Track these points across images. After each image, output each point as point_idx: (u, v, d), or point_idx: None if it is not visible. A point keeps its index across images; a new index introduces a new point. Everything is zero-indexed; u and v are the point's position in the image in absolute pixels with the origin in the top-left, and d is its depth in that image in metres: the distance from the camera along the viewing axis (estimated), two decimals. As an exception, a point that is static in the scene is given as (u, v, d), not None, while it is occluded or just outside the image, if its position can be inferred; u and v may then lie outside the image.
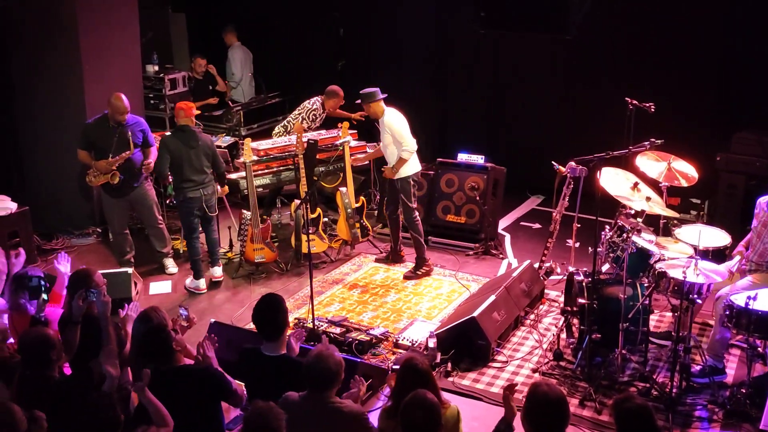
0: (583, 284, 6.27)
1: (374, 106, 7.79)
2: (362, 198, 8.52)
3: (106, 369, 4.63)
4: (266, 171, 8.65)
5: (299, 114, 9.30)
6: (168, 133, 7.76)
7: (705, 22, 9.06)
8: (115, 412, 3.99)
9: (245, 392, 4.84)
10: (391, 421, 4.38)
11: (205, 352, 5.00)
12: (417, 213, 8.06)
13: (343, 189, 8.44)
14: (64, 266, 5.94)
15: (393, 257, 8.40)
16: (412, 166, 7.93)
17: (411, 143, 7.78)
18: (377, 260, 8.45)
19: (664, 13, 9.22)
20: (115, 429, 3.96)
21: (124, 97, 7.68)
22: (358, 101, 7.92)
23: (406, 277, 8.04)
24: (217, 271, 8.11)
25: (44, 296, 5.42)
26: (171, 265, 8.31)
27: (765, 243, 6.12)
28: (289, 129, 9.26)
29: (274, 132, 9.56)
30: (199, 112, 8.17)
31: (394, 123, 7.77)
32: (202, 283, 7.91)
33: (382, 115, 7.81)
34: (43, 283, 5.48)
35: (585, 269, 6.52)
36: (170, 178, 8.07)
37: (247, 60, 11.69)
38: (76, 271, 5.51)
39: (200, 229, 7.98)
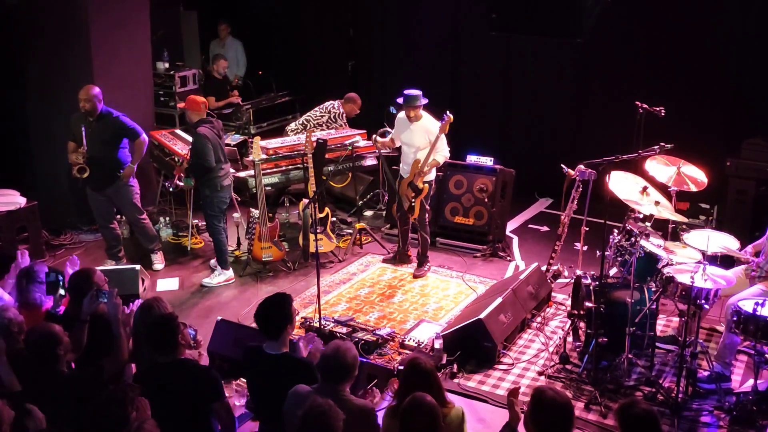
0: (591, 288, 6.26)
1: (419, 109, 7.76)
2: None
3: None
4: (275, 170, 8.65)
5: (322, 116, 9.35)
6: (202, 128, 7.68)
7: (717, 26, 9.03)
8: (125, 410, 4.00)
9: (235, 420, 4.85)
10: (395, 420, 4.39)
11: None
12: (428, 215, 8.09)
13: None
14: (73, 270, 5.95)
15: (400, 257, 8.40)
16: (434, 173, 8.00)
17: (447, 148, 7.84)
18: (385, 260, 8.45)
19: (675, 17, 9.19)
20: (122, 427, 3.97)
21: (91, 87, 7.69)
22: (400, 100, 7.84)
23: (416, 276, 8.08)
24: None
25: (62, 291, 5.44)
26: (157, 261, 8.33)
27: None
28: (308, 127, 9.26)
29: (288, 128, 9.58)
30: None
31: (436, 129, 7.74)
32: (231, 272, 8.04)
33: (421, 118, 7.79)
34: (60, 278, 5.50)
35: (592, 273, 6.51)
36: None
37: None
38: (77, 271, 5.52)
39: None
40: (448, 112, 7.62)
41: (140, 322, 5.11)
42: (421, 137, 7.78)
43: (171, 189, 8.42)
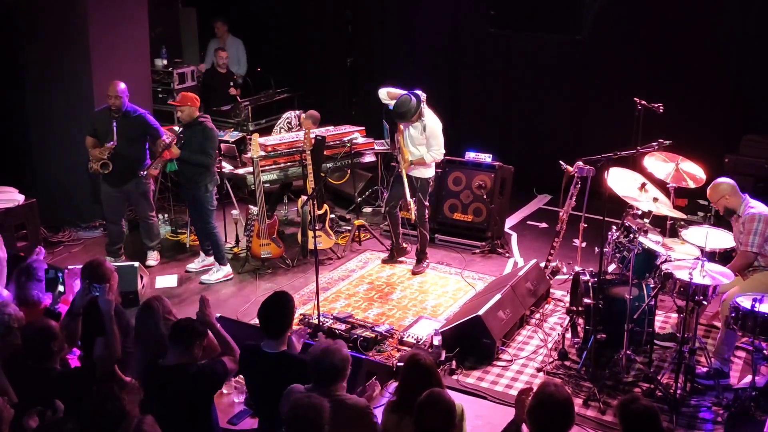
0: (589, 284, 6.27)
1: (416, 116, 7.68)
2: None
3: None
4: (273, 167, 8.65)
5: (279, 126, 9.40)
6: (209, 123, 7.81)
7: (716, 24, 9.03)
8: (121, 404, 4.01)
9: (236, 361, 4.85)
10: (394, 415, 4.39)
11: (205, 308, 4.94)
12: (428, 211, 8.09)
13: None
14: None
15: (397, 252, 8.39)
16: (433, 168, 7.99)
17: (442, 149, 7.80)
18: (384, 262, 8.41)
19: (675, 13, 9.19)
20: (119, 421, 3.98)
21: (118, 83, 7.77)
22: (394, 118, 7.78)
23: (414, 273, 8.08)
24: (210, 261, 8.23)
25: (60, 288, 5.44)
26: (152, 257, 8.34)
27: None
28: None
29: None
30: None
31: (435, 127, 7.72)
32: (229, 267, 8.06)
33: (420, 116, 7.70)
34: (60, 275, 5.49)
35: (591, 269, 6.52)
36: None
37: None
38: (88, 261, 5.52)
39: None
40: None
41: (141, 322, 5.12)
42: (419, 133, 7.75)
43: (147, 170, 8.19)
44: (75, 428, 3.85)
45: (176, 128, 9.65)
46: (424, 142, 7.72)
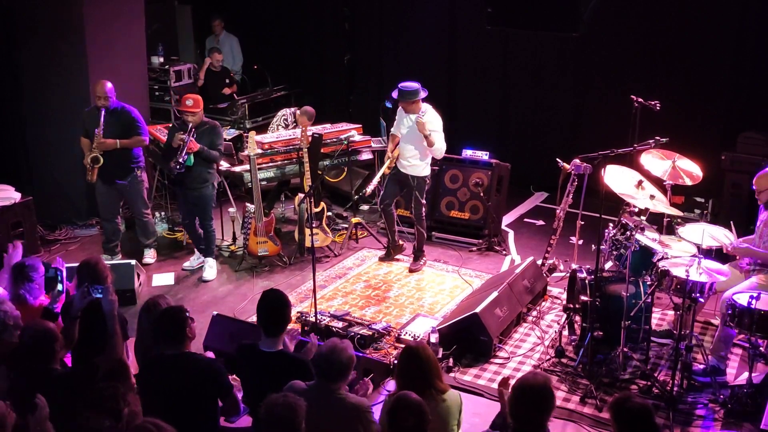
0: (586, 281, 6.28)
1: (417, 103, 7.64)
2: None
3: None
4: (270, 164, 8.64)
5: (276, 124, 9.40)
6: (212, 120, 7.94)
7: (714, 20, 9.03)
8: (119, 404, 4.00)
9: (241, 405, 4.85)
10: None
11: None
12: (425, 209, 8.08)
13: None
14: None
15: (394, 250, 8.39)
16: (429, 167, 7.97)
17: (442, 142, 7.75)
18: (381, 260, 8.41)
19: (672, 10, 9.19)
20: (117, 421, 3.97)
21: (105, 83, 7.74)
22: (394, 95, 7.78)
23: (412, 270, 8.08)
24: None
25: (60, 287, 5.42)
26: (149, 255, 8.33)
27: (766, 242, 6.14)
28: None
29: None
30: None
31: (435, 124, 7.70)
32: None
33: (419, 111, 7.66)
34: (59, 274, 5.47)
35: (588, 267, 6.52)
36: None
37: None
38: (84, 260, 5.50)
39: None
40: None
41: (144, 321, 5.12)
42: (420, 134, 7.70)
43: (178, 168, 8.05)
44: (113, 426, 3.84)
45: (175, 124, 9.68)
46: (422, 137, 7.70)
